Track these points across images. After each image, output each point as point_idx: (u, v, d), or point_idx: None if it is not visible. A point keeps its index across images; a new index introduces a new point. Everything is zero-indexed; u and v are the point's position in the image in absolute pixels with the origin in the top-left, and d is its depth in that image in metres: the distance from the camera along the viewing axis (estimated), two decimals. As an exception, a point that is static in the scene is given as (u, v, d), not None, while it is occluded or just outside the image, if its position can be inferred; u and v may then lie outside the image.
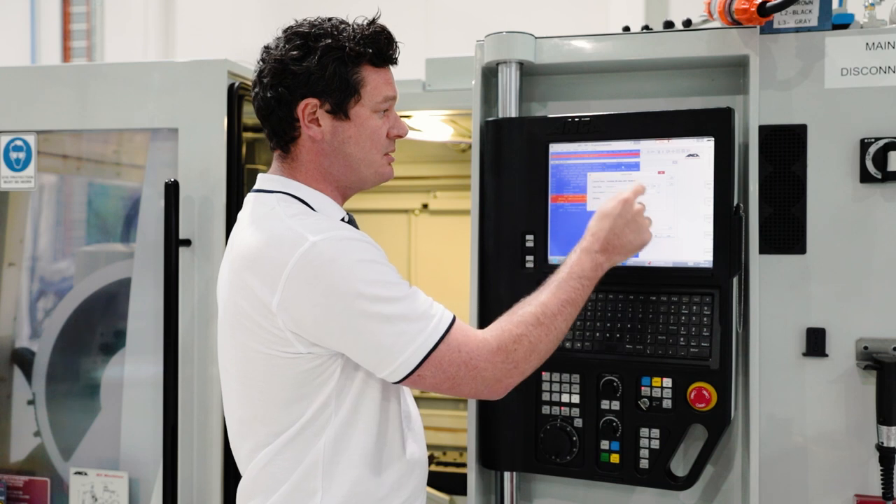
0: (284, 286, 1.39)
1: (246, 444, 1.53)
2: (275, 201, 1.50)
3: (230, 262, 1.52)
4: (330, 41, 1.49)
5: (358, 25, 1.53)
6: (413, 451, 1.58)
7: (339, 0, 2.25)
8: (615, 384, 1.79)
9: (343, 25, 1.52)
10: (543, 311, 1.50)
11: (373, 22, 1.54)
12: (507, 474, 1.92)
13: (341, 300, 1.39)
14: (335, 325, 1.40)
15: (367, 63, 1.52)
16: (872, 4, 1.82)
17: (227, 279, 1.52)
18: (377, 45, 1.52)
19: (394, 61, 1.58)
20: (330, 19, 1.54)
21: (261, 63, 1.55)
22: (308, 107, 1.50)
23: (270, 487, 1.48)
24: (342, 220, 1.55)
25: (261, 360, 1.46)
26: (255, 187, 1.58)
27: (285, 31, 1.55)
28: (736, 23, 1.76)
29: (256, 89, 1.55)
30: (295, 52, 1.49)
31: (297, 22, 1.55)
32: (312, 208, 1.51)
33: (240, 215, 1.57)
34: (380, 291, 1.41)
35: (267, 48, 1.55)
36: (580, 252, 1.59)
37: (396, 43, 1.57)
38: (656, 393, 1.77)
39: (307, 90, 1.50)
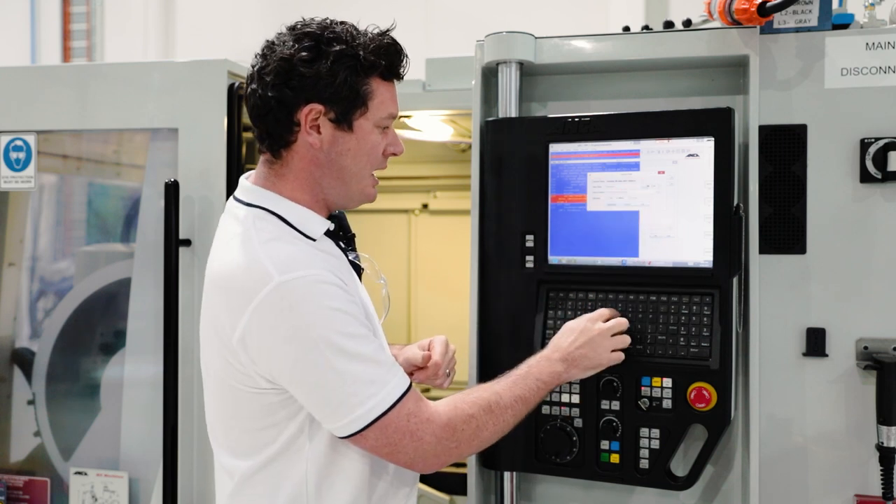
0: (246, 323, 1.36)
1: (223, 459, 1.52)
2: (251, 220, 1.45)
3: (208, 280, 1.50)
4: (343, 47, 1.43)
5: (371, 35, 1.47)
6: (406, 482, 1.55)
7: (338, 0, 2.25)
8: (615, 384, 1.79)
9: (356, 32, 1.47)
10: (497, 400, 1.49)
11: (385, 33, 1.49)
12: (507, 474, 1.92)
13: (299, 348, 1.35)
14: (290, 370, 1.37)
15: (377, 75, 1.47)
16: (872, 4, 1.82)
17: (206, 297, 1.52)
18: (390, 58, 1.48)
19: (401, 77, 1.53)
20: (342, 23, 1.48)
21: (261, 59, 1.47)
22: (312, 112, 1.44)
23: None
24: (328, 230, 1.50)
25: (228, 390, 1.45)
26: (236, 195, 1.53)
27: (291, 28, 1.48)
28: (736, 23, 1.76)
29: (254, 86, 1.47)
30: (305, 54, 1.42)
31: (303, 20, 1.49)
32: (292, 225, 1.45)
33: (221, 222, 1.53)
34: (341, 344, 1.36)
35: (271, 44, 1.47)
36: (540, 358, 1.62)
37: (408, 58, 1.52)
38: (656, 393, 1.77)
39: (313, 94, 1.43)
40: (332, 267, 1.43)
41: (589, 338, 1.64)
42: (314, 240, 1.47)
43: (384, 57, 1.47)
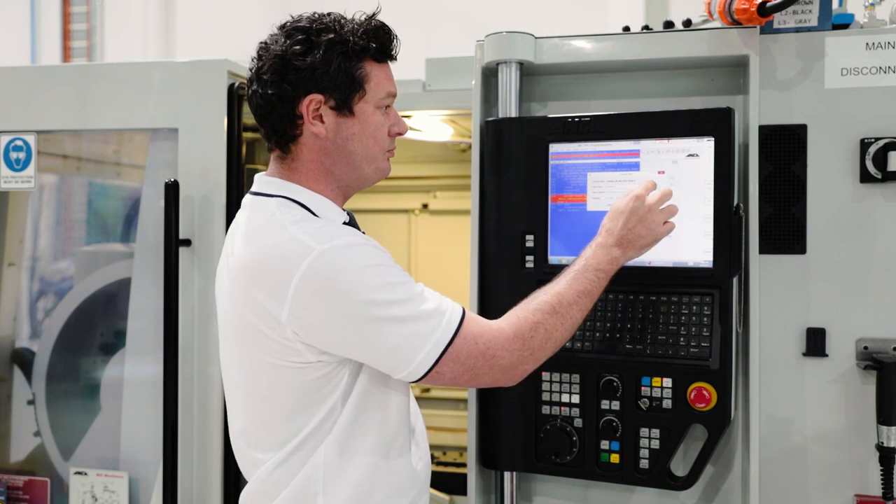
0: (293, 298, 1.37)
1: (251, 453, 1.52)
2: (274, 206, 1.47)
3: (231, 272, 1.48)
4: (333, 35, 1.47)
5: (358, 20, 1.51)
6: (416, 461, 1.57)
7: (338, 1, 2.25)
8: (615, 384, 1.79)
9: (343, 20, 1.51)
10: (560, 300, 1.51)
11: (372, 17, 1.52)
12: (507, 474, 1.92)
13: (352, 308, 1.38)
14: (348, 333, 1.39)
15: (370, 58, 1.51)
16: (872, 4, 1.82)
17: (227, 290, 1.50)
18: (380, 40, 1.51)
19: (394, 57, 1.57)
20: (329, 14, 1.52)
21: (258, 60, 1.51)
22: (312, 103, 1.47)
23: (272, 493, 1.47)
24: (344, 222, 1.53)
25: (266, 370, 1.44)
26: (253, 189, 1.55)
27: (282, 26, 1.52)
28: (736, 23, 1.76)
29: (254, 87, 1.51)
30: (297, 47, 1.46)
31: (293, 17, 1.53)
32: (313, 212, 1.49)
33: (237, 218, 1.54)
34: (390, 295, 1.40)
35: (265, 44, 1.51)
36: (595, 247, 1.61)
37: (397, 38, 1.55)
38: (656, 393, 1.77)
39: (311, 85, 1.47)
40: (364, 238, 1.47)
41: (640, 217, 1.62)
42: None
43: (374, 39, 1.50)
